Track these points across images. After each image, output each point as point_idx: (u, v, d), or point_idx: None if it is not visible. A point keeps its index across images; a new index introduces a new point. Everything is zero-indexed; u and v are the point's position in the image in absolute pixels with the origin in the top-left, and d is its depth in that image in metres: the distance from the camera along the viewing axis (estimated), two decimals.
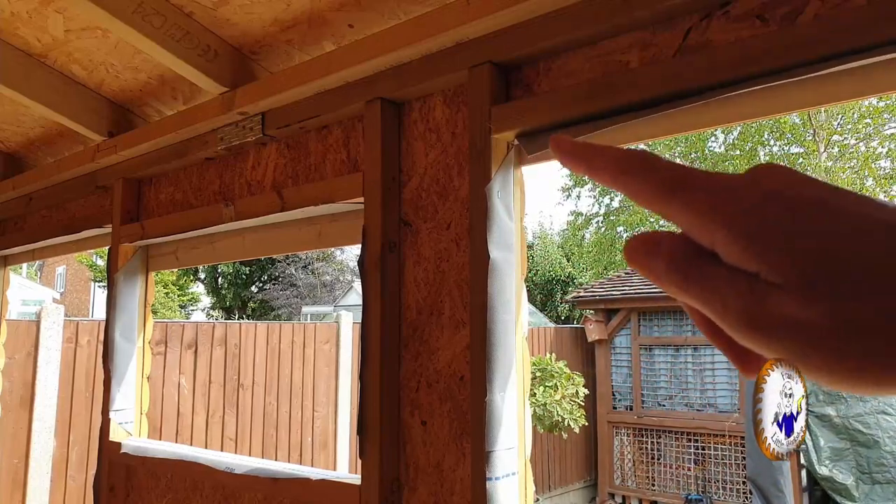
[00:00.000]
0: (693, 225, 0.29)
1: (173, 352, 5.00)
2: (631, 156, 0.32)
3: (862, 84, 0.83)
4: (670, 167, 0.31)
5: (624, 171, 0.32)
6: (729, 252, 0.28)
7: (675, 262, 0.30)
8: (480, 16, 1.08)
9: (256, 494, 1.50)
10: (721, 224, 0.28)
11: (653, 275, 0.31)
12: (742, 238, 0.27)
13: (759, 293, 0.27)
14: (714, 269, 0.29)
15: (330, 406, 5.89)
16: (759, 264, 0.27)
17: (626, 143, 1.08)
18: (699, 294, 0.29)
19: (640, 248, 0.32)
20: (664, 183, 0.30)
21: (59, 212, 2.34)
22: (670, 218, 0.30)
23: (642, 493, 8.21)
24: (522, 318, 1.14)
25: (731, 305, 0.27)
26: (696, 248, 0.30)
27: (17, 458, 4.18)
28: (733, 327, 0.28)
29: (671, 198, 0.30)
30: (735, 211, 0.28)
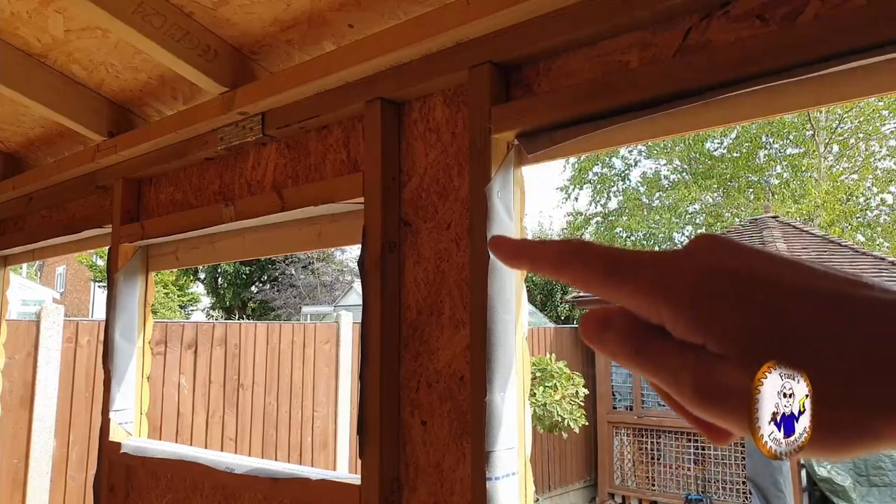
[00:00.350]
0: (639, 304, 0.30)
1: (173, 352, 5.00)
2: (568, 247, 0.33)
3: (862, 84, 0.83)
4: (608, 252, 0.32)
5: (564, 262, 0.33)
6: (675, 326, 0.29)
7: (626, 338, 0.31)
8: (480, 16, 1.08)
9: (256, 494, 1.50)
10: (664, 300, 0.29)
11: (606, 350, 0.32)
12: (685, 312, 0.28)
13: (706, 365, 0.27)
14: (663, 343, 0.29)
15: (330, 406, 5.89)
16: (703, 337, 0.28)
17: (626, 144, 1.08)
18: (651, 368, 0.30)
19: (593, 324, 0.32)
20: (604, 268, 0.31)
21: (59, 212, 2.34)
22: (616, 300, 0.31)
23: (642, 493, 8.21)
24: (522, 318, 1.14)
25: (681, 378, 0.28)
26: (646, 323, 0.30)
27: (17, 458, 4.18)
28: (685, 399, 0.28)
29: (614, 282, 0.31)
30: (677, 286, 0.29)
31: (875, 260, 7.82)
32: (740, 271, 0.28)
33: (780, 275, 0.28)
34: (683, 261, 0.30)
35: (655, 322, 0.30)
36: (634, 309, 0.30)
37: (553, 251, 0.33)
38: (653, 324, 0.30)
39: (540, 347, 8.02)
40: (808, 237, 8.81)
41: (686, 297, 0.28)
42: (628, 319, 0.31)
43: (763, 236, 8.83)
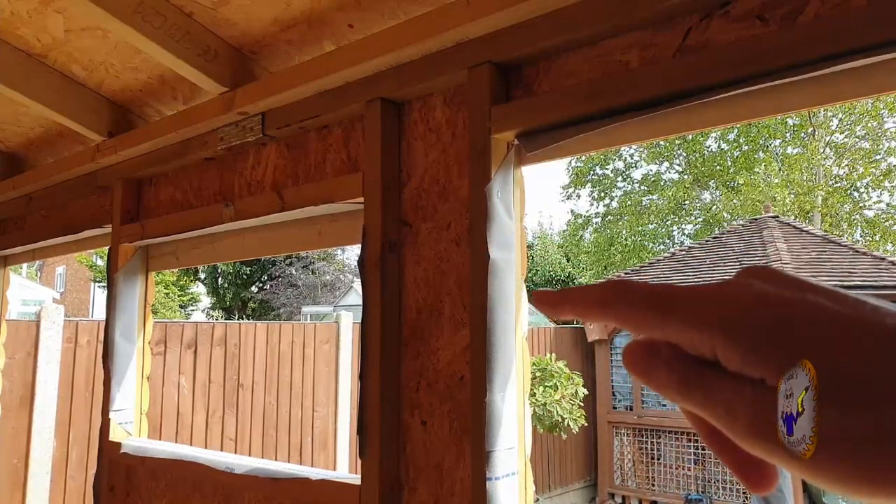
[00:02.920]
0: (690, 338, 0.29)
1: (173, 352, 5.00)
2: (609, 288, 0.32)
3: (862, 84, 0.83)
4: (650, 289, 0.31)
5: (608, 304, 0.32)
6: (731, 360, 0.28)
7: (675, 370, 0.30)
8: (480, 16, 1.08)
9: (256, 494, 1.50)
10: (718, 332, 0.28)
11: (653, 382, 0.31)
12: (742, 345, 0.27)
13: (767, 400, 0.26)
14: (716, 376, 0.28)
15: (330, 406, 5.89)
16: (763, 371, 0.26)
17: (626, 144, 1.08)
18: (702, 400, 0.29)
19: (639, 355, 0.31)
20: (650, 306, 0.30)
21: (59, 212, 2.34)
22: (666, 337, 0.30)
23: (642, 493, 8.21)
24: (522, 318, 1.14)
25: (737, 413, 0.27)
26: (696, 357, 0.29)
27: (17, 458, 4.18)
28: (740, 435, 0.27)
29: (662, 318, 0.30)
30: (730, 317, 0.28)
31: (875, 260, 7.82)
32: (795, 302, 0.27)
33: (838, 309, 0.26)
34: (733, 290, 0.29)
35: (708, 356, 0.29)
36: (684, 343, 0.29)
37: (595, 296, 0.32)
38: (701, 358, 0.29)
39: (540, 347, 8.02)
40: (808, 237, 8.81)
41: (741, 328, 0.27)
42: (676, 350, 0.30)
43: (763, 236, 8.83)
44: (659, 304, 0.30)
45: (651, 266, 9.66)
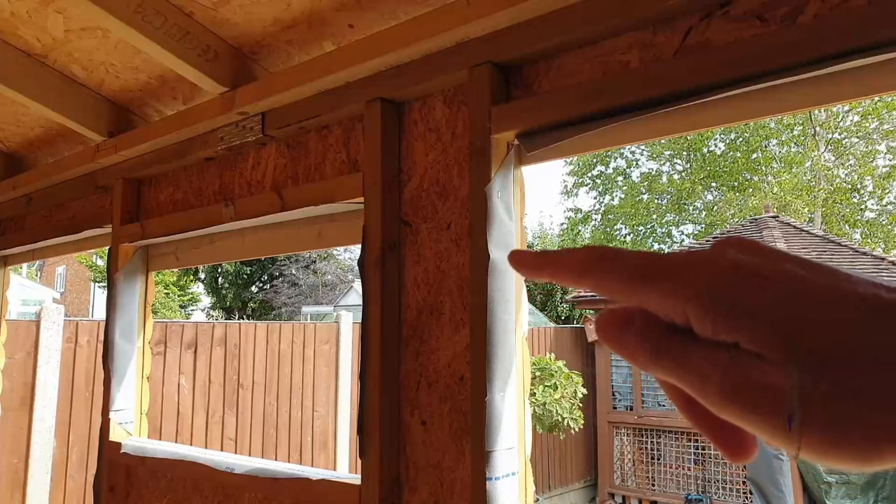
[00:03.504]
0: (665, 305, 0.29)
1: (173, 352, 5.00)
2: (590, 253, 0.32)
3: (862, 84, 0.83)
4: (630, 256, 0.31)
5: (587, 269, 0.32)
6: (703, 325, 0.28)
7: (648, 338, 0.30)
8: (480, 16, 1.08)
9: (256, 494, 1.50)
10: (693, 297, 0.28)
11: (625, 351, 0.31)
12: (716, 309, 0.27)
13: (738, 363, 0.26)
14: (689, 342, 0.28)
15: (330, 406, 5.89)
16: (736, 334, 0.27)
17: (626, 143, 1.09)
18: (674, 368, 0.29)
19: (612, 324, 0.31)
20: (629, 271, 0.30)
21: (59, 212, 2.34)
22: (641, 303, 0.30)
23: (642, 493, 8.21)
24: (522, 318, 1.14)
25: (711, 378, 0.27)
26: (669, 324, 0.29)
27: (17, 458, 4.18)
28: (714, 400, 0.27)
29: (639, 284, 0.30)
30: (706, 283, 0.28)
31: (875, 260, 7.82)
32: (771, 270, 0.28)
33: (812, 277, 0.27)
34: (710, 258, 0.29)
35: (681, 322, 0.29)
36: (658, 310, 0.30)
37: (575, 259, 0.33)
38: (676, 326, 0.29)
39: (540, 347, 8.02)
40: (808, 237, 8.81)
41: (717, 294, 0.27)
42: (649, 319, 0.30)
43: (763, 236, 8.83)
44: (635, 271, 0.30)
45: None
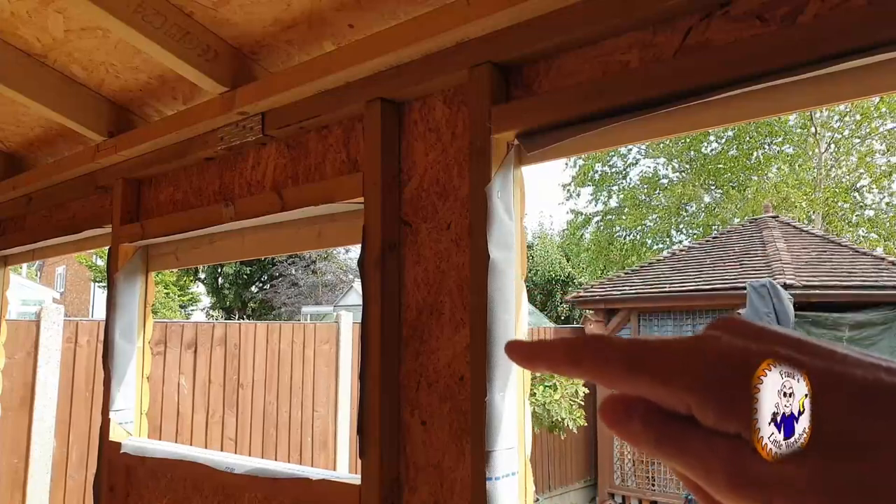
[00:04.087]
0: (663, 395, 0.29)
1: (173, 352, 5.00)
2: (582, 344, 0.32)
3: (862, 84, 0.83)
4: (623, 344, 0.31)
5: (581, 359, 0.32)
6: (705, 416, 0.28)
7: (651, 426, 0.30)
8: (480, 16, 1.08)
9: (256, 494, 1.50)
10: (691, 389, 0.28)
11: (631, 437, 0.31)
12: (714, 402, 0.27)
13: (742, 455, 0.26)
14: (691, 431, 0.28)
15: (330, 406, 5.89)
16: (737, 426, 0.27)
17: (626, 143, 1.09)
18: (678, 457, 0.29)
19: (616, 411, 0.31)
20: (623, 362, 0.30)
21: (59, 212, 2.34)
22: (637, 391, 0.30)
23: (642, 493, 8.21)
24: (522, 318, 1.14)
25: (714, 468, 0.27)
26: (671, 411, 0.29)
27: (17, 458, 4.18)
28: (720, 490, 0.27)
29: (634, 374, 0.30)
30: (702, 374, 0.28)
31: (875, 260, 7.82)
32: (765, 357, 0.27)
33: (810, 363, 0.27)
34: (705, 347, 0.29)
35: (682, 411, 0.29)
36: (658, 400, 0.29)
37: (567, 349, 0.32)
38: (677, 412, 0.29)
39: None
40: (808, 237, 8.81)
41: (713, 384, 0.27)
42: (652, 406, 0.30)
43: (763, 236, 8.83)
44: (630, 362, 0.30)
45: (651, 266, 9.66)
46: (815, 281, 7.03)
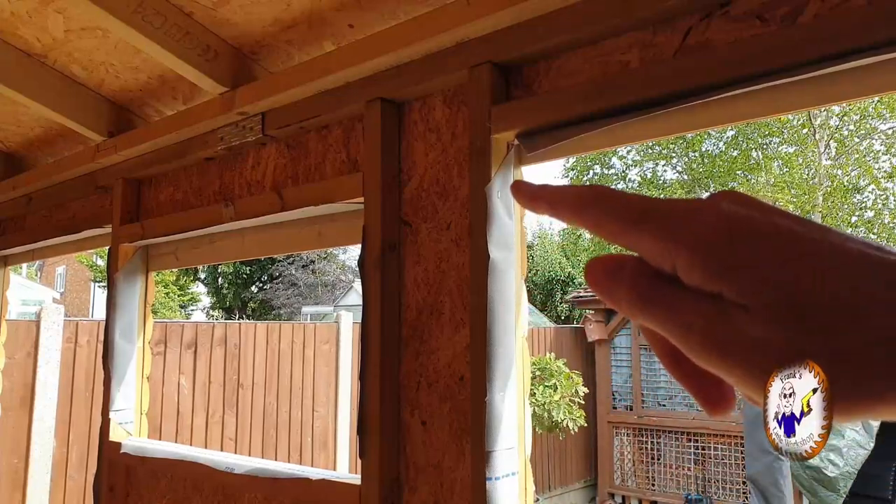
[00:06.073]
0: (655, 250, 0.29)
1: (173, 352, 5.00)
2: (589, 191, 0.32)
3: (862, 84, 0.83)
4: (629, 197, 0.31)
5: (584, 205, 0.32)
6: (691, 274, 0.28)
7: (636, 285, 0.30)
8: (480, 16, 1.08)
9: (256, 494, 1.50)
10: (683, 246, 0.28)
11: (612, 297, 0.31)
12: (705, 258, 0.27)
13: (724, 313, 0.27)
14: (676, 290, 0.28)
15: (330, 406, 5.89)
16: (722, 284, 0.27)
17: (626, 143, 1.09)
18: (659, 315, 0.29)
19: (601, 269, 0.31)
20: (625, 213, 0.31)
21: (59, 212, 2.34)
22: (632, 246, 0.30)
23: (642, 493, 8.21)
24: (522, 318, 1.14)
25: (694, 326, 0.27)
26: (658, 273, 0.29)
27: (17, 458, 4.18)
28: (695, 349, 0.27)
29: (633, 226, 0.30)
30: (697, 233, 0.28)
31: None
32: (764, 224, 0.28)
33: (806, 233, 0.27)
34: (705, 209, 0.29)
35: (669, 270, 0.29)
36: (649, 256, 0.30)
37: (573, 195, 0.33)
38: (664, 274, 0.29)
39: (540, 347, 8.02)
40: None
41: (706, 242, 0.28)
42: (640, 266, 0.30)
43: None
44: (631, 212, 0.30)
45: None
46: None
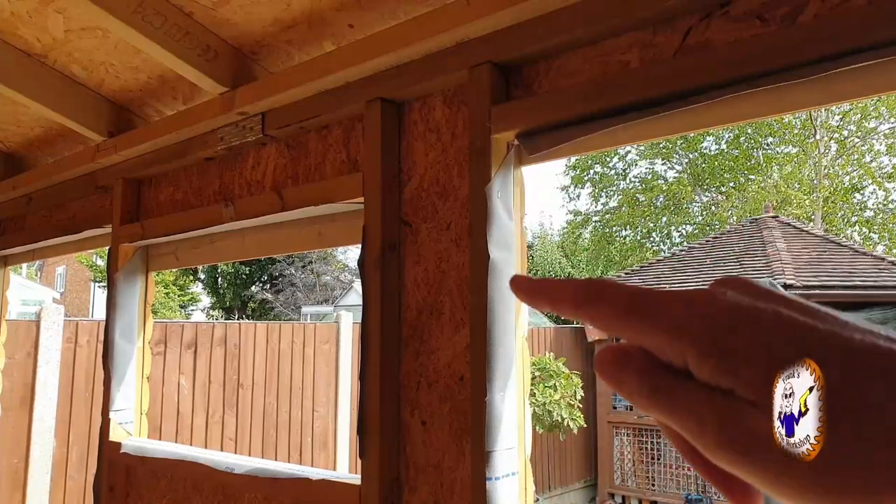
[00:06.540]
0: (661, 345, 0.29)
1: (173, 352, 5.00)
2: (589, 285, 0.32)
3: (862, 84, 0.83)
4: (629, 291, 0.31)
5: (585, 301, 0.32)
6: (701, 369, 0.27)
7: (646, 377, 0.29)
8: (480, 16, 1.08)
9: (256, 494, 1.50)
10: (689, 341, 0.28)
11: (624, 389, 0.30)
12: (713, 355, 0.27)
13: (735, 411, 0.26)
14: (687, 385, 0.28)
15: (330, 406, 5.89)
16: (732, 381, 0.26)
17: (626, 143, 1.09)
18: (670, 410, 0.28)
19: (611, 360, 0.31)
20: (626, 307, 0.30)
21: (59, 212, 2.34)
22: (637, 340, 0.30)
23: (642, 493, 8.21)
24: (522, 318, 1.14)
25: (707, 424, 0.27)
26: (667, 364, 0.29)
27: (17, 458, 4.18)
28: (709, 447, 0.27)
29: (636, 320, 0.30)
30: (703, 327, 0.28)
31: (875, 260, 7.82)
32: (768, 314, 0.27)
33: (814, 325, 0.26)
34: (708, 300, 0.28)
35: (679, 364, 0.28)
36: (656, 349, 0.29)
37: (573, 289, 0.32)
38: (673, 366, 0.29)
39: (540, 347, 8.02)
40: (808, 237, 8.81)
41: (713, 337, 0.27)
42: (648, 358, 0.30)
43: (763, 236, 8.83)
44: (634, 308, 0.30)
45: (651, 266, 9.66)
46: (815, 281, 7.04)
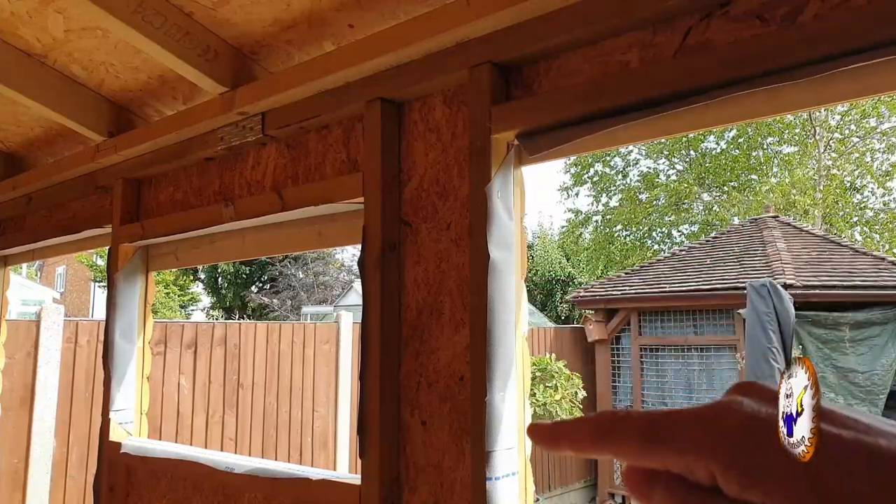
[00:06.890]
0: (687, 466, 0.29)
1: (173, 352, 5.00)
2: (603, 420, 0.32)
3: (862, 84, 0.83)
4: (645, 418, 0.31)
5: (604, 436, 0.32)
6: (729, 486, 0.28)
7: (675, 495, 0.30)
8: (480, 16, 1.08)
9: (256, 494, 1.50)
10: (714, 460, 0.28)
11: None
12: (739, 470, 0.27)
13: None
14: (716, 501, 0.28)
15: (330, 406, 5.89)
16: (762, 496, 0.27)
17: (626, 143, 1.09)
18: None
19: (640, 479, 0.31)
20: (646, 438, 0.30)
21: (59, 212, 2.34)
22: (662, 464, 0.30)
23: None
24: (522, 318, 1.14)
25: None
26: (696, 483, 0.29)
27: (17, 458, 4.18)
28: None
29: (657, 446, 0.30)
30: (724, 442, 0.28)
31: (875, 260, 7.82)
32: None
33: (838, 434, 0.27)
34: (728, 412, 0.29)
35: (706, 482, 0.29)
36: (680, 470, 0.29)
37: (588, 427, 0.32)
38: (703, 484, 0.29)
39: (540, 347, 8.02)
40: (808, 237, 8.81)
41: (735, 453, 0.27)
42: (675, 475, 0.30)
43: (763, 236, 8.83)
44: (653, 438, 0.30)
45: (651, 266, 9.66)
46: (815, 281, 7.03)
